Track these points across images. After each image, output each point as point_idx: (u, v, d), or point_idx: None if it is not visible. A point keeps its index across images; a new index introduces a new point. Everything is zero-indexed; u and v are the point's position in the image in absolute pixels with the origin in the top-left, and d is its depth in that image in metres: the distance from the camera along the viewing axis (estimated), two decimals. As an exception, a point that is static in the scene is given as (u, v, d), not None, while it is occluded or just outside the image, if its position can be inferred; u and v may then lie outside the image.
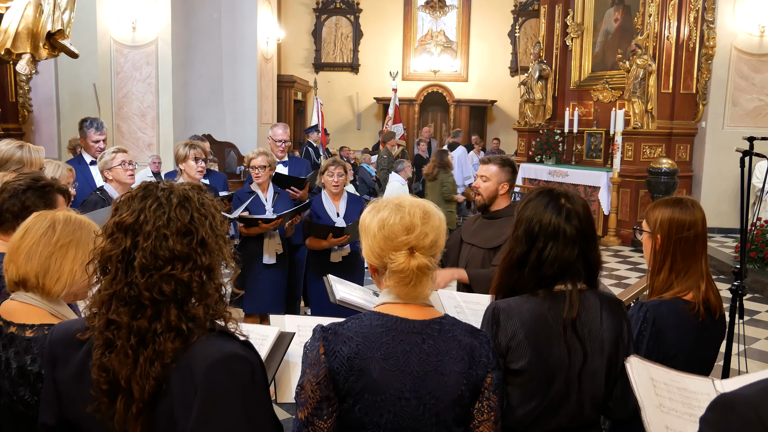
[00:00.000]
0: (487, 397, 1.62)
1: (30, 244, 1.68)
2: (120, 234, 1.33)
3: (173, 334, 1.31)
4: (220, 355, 1.31)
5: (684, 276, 2.12)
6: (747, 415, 0.98)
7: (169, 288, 1.31)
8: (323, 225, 4.44)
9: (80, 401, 1.36)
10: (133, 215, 1.33)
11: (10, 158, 2.98)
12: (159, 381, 1.29)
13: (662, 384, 1.68)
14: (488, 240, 3.35)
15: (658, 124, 10.01)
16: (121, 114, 10.19)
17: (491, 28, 16.64)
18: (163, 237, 1.31)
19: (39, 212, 1.78)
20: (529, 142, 12.33)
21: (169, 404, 1.30)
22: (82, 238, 1.72)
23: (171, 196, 1.36)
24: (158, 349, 1.29)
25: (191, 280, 1.33)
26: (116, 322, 1.31)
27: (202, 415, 1.27)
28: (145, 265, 1.31)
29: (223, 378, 1.30)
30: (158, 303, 1.31)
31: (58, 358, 1.42)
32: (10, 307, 1.73)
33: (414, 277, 1.59)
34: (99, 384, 1.32)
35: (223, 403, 1.29)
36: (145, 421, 1.31)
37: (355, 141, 15.63)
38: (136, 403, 1.30)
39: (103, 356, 1.32)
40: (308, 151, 10.44)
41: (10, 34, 3.61)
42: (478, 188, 3.44)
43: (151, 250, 1.31)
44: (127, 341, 1.30)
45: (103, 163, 3.93)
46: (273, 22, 13.13)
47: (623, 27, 11.02)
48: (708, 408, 1.03)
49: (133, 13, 9.89)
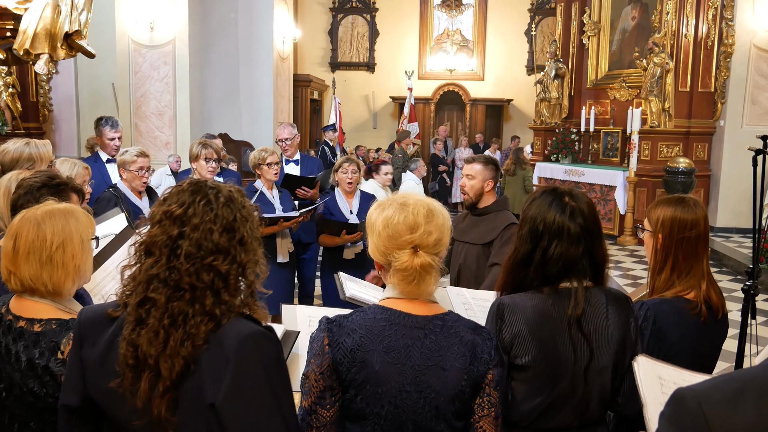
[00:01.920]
0: (488, 393, 1.64)
1: (26, 254, 1.69)
2: (168, 222, 1.43)
3: (207, 318, 1.40)
4: (250, 331, 1.41)
5: (685, 275, 2.12)
6: (692, 409, 0.98)
7: (208, 277, 1.41)
8: (336, 222, 4.47)
9: (105, 377, 1.43)
10: (182, 207, 1.43)
11: (20, 156, 3.02)
12: (188, 361, 1.37)
13: (671, 383, 1.68)
14: (481, 236, 3.47)
15: (675, 123, 9.92)
16: (139, 113, 10.30)
17: (508, 27, 16.56)
18: (209, 230, 1.42)
19: (21, 213, 1.77)
20: (545, 141, 12.28)
21: (197, 381, 1.37)
22: (73, 228, 1.74)
23: (219, 194, 1.47)
24: (190, 331, 1.38)
25: (229, 273, 1.43)
26: (152, 300, 1.40)
27: (232, 388, 1.35)
28: (191, 253, 1.41)
29: (254, 352, 1.39)
30: (196, 289, 1.41)
31: (86, 338, 1.49)
32: (18, 302, 1.77)
33: (417, 275, 1.62)
34: (126, 359, 1.39)
35: (253, 377, 1.37)
36: (170, 399, 1.37)
37: (371, 140, 15.65)
38: (163, 382, 1.36)
39: (132, 332, 1.40)
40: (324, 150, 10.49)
41: (28, 34, 3.68)
42: (464, 187, 3.57)
43: (197, 240, 1.41)
44: (160, 321, 1.39)
45: (122, 161, 3.97)
46: (289, 22, 13.18)
47: (640, 25, 10.94)
48: (666, 402, 1.04)
49: (151, 14, 9.99)
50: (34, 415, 1.72)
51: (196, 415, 1.38)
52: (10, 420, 1.77)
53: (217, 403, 1.35)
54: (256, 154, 4.61)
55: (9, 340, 1.72)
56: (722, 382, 1.01)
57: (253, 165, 4.61)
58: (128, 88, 10.29)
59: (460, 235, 3.58)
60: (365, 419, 1.60)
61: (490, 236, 3.44)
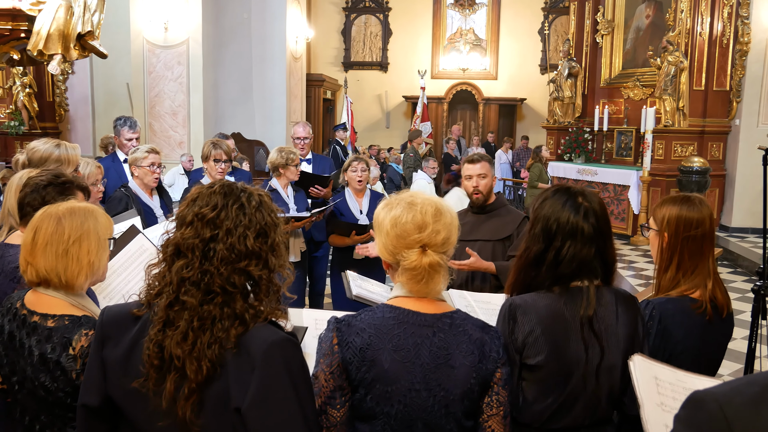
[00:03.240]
0: (497, 392, 1.64)
1: (44, 246, 1.74)
2: (200, 224, 1.43)
3: (237, 321, 1.40)
4: (276, 337, 1.42)
5: (691, 274, 2.11)
6: (713, 412, 0.97)
7: (240, 281, 1.42)
8: (346, 222, 4.47)
9: (127, 377, 1.44)
10: (215, 210, 1.44)
11: (49, 157, 3.05)
12: (215, 364, 1.38)
13: (666, 383, 1.68)
14: (495, 232, 3.45)
15: (689, 122, 9.82)
16: (154, 112, 10.38)
17: (521, 26, 16.51)
18: (243, 235, 1.43)
19: (43, 209, 1.82)
20: (558, 141, 12.22)
21: (223, 385, 1.38)
22: (91, 227, 1.78)
23: (251, 198, 1.48)
24: (218, 335, 1.38)
25: (261, 277, 1.45)
26: (183, 303, 1.40)
27: (259, 394, 1.36)
28: (225, 257, 1.41)
29: (280, 358, 1.39)
30: (228, 293, 1.41)
31: (109, 338, 1.50)
32: (33, 297, 1.80)
33: (426, 274, 1.63)
34: (150, 359, 1.40)
35: (279, 383, 1.38)
36: (196, 401, 1.38)
37: (384, 139, 15.66)
38: (189, 384, 1.37)
39: (159, 333, 1.40)
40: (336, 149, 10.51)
41: (42, 35, 3.73)
42: (478, 186, 3.53)
43: (232, 244, 1.41)
44: (190, 323, 1.39)
45: (133, 159, 4.00)
46: (302, 22, 13.22)
47: (654, 23, 10.85)
48: (681, 405, 1.03)
49: (165, 14, 10.07)
50: (44, 409, 1.75)
51: (221, 418, 1.39)
52: (21, 413, 1.81)
53: (243, 408, 1.36)
54: (283, 154, 4.58)
55: (23, 335, 1.76)
56: (741, 385, 1.00)
57: (277, 165, 4.58)
58: (143, 88, 10.38)
59: (466, 234, 3.53)
60: (375, 419, 1.61)
61: (506, 231, 3.43)
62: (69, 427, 1.74)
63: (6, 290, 2.13)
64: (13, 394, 1.80)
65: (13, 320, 1.80)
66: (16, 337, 1.77)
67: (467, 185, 3.56)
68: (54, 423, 1.75)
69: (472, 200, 3.58)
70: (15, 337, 1.77)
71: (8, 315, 1.82)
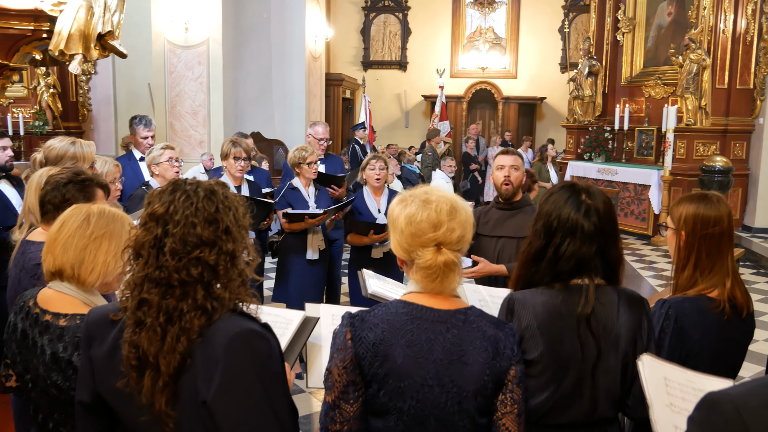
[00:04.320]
0: (511, 390, 1.63)
1: (66, 237, 1.78)
2: (152, 223, 1.45)
3: (200, 312, 1.42)
4: (239, 330, 1.42)
5: (709, 273, 2.08)
6: (729, 414, 0.96)
7: (196, 271, 1.43)
8: (364, 222, 4.48)
9: (112, 377, 1.47)
10: (164, 206, 1.45)
11: (65, 155, 3.11)
12: (184, 356, 1.40)
13: (676, 384, 1.66)
14: (519, 229, 3.41)
15: (712, 121, 9.71)
16: (174, 112, 10.47)
17: (541, 24, 16.40)
18: (191, 224, 1.43)
19: (75, 205, 1.87)
20: (578, 140, 12.14)
21: (192, 377, 1.40)
22: (115, 230, 1.81)
23: (198, 189, 1.48)
24: (185, 326, 1.40)
25: (217, 263, 1.45)
26: (147, 302, 1.42)
27: (222, 385, 1.38)
28: (175, 249, 1.42)
29: (243, 351, 1.40)
30: (186, 284, 1.42)
31: (94, 338, 1.53)
32: (46, 295, 1.83)
33: (441, 272, 1.62)
34: (129, 360, 1.43)
35: (241, 374, 1.39)
36: (169, 394, 1.40)
37: (403, 139, 15.65)
38: (162, 377, 1.40)
39: (133, 334, 1.43)
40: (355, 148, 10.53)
41: (63, 36, 3.79)
42: (509, 177, 3.49)
43: (180, 236, 1.43)
44: (157, 319, 1.41)
45: (151, 158, 4.06)
46: (321, 21, 13.26)
47: (677, 21, 10.74)
48: (695, 406, 1.02)
49: (185, 15, 10.14)
50: (57, 407, 1.77)
51: (194, 410, 1.41)
52: (34, 410, 1.83)
53: (208, 400, 1.38)
54: (297, 153, 4.66)
55: (35, 333, 1.78)
56: (758, 387, 0.99)
57: (293, 164, 4.67)
58: (163, 88, 10.47)
59: (490, 230, 3.54)
60: (388, 414, 1.61)
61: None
62: None
63: (26, 286, 2.17)
64: (27, 392, 1.84)
65: (26, 318, 1.83)
66: (29, 335, 1.80)
67: (498, 176, 3.53)
68: (67, 421, 1.77)
69: (501, 192, 3.56)
70: (28, 335, 1.80)
71: (21, 313, 1.85)
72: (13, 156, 4.13)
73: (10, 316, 1.90)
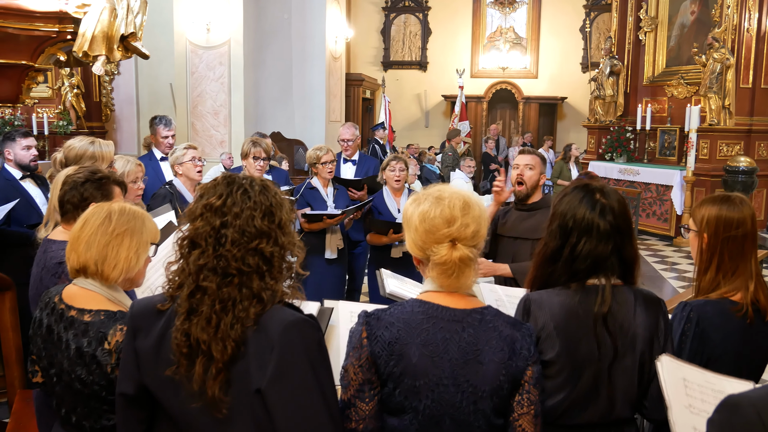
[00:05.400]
0: (527, 390, 1.63)
1: (89, 234, 1.82)
2: (210, 214, 1.51)
3: (255, 300, 1.47)
4: (293, 319, 1.48)
5: (732, 276, 2.05)
6: (749, 416, 0.96)
7: (253, 260, 1.49)
8: (384, 221, 4.49)
9: (159, 366, 1.51)
10: (221, 199, 1.51)
11: (84, 154, 3.16)
12: (238, 343, 1.44)
13: (695, 385, 1.64)
14: (535, 230, 3.37)
15: (736, 121, 9.58)
16: (196, 112, 10.56)
17: (562, 24, 16.28)
18: (251, 216, 1.50)
19: (97, 204, 1.92)
20: (599, 140, 12.04)
21: (245, 365, 1.45)
22: (136, 227, 1.85)
23: (253, 183, 1.55)
24: (239, 315, 1.45)
25: (273, 255, 1.51)
26: (204, 289, 1.48)
27: (277, 372, 1.42)
28: (236, 239, 1.48)
29: (297, 338, 1.45)
30: (243, 273, 1.48)
31: (140, 329, 1.57)
32: (71, 292, 1.87)
33: (456, 268, 1.62)
34: (179, 348, 1.47)
35: (296, 360, 1.44)
36: (223, 380, 1.45)
37: (423, 138, 15.64)
38: (216, 364, 1.44)
39: (185, 321, 1.48)
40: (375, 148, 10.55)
41: (87, 37, 3.85)
42: (523, 176, 3.46)
43: (240, 227, 1.49)
44: (212, 307, 1.46)
45: (174, 158, 4.10)
46: (342, 21, 13.29)
47: (700, 20, 10.61)
48: (715, 409, 1.02)
49: (207, 16, 10.22)
50: (80, 401, 1.80)
51: (246, 396, 1.45)
52: (57, 405, 1.87)
53: (262, 388, 1.42)
54: (312, 153, 4.72)
55: (60, 328, 1.82)
56: None
57: (310, 163, 4.74)
58: (185, 88, 10.56)
59: (508, 230, 3.53)
60: (404, 413, 1.61)
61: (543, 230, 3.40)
62: (104, 419, 1.79)
63: (48, 284, 2.20)
64: (51, 386, 1.87)
65: (51, 314, 1.86)
66: (54, 330, 1.83)
67: (512, 176, 3.53)
68: (89, 415, 1.80)
69: (514, 192, 3.54)
70: (53, 330, 1.83)
71: (47, 309, 1.88)
72: (37, 155, 4.20)
73: (36, 312, 1.94)
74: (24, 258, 2.96)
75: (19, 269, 3.25)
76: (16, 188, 4.02)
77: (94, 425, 1.80)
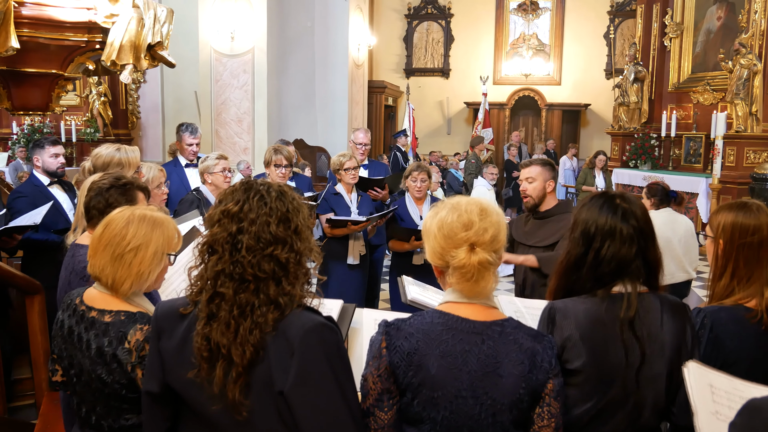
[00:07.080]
0: (548, 403, 1.62)
1: (104, 245, 1.85)
2: (227, 220, 1.53)
3: (272, 306, 1.49)
4: (312, 323, 1.50)
5: (746, 282, 2.04)
6: None
7: (269, 267, 1.51)
8: (406, 228, 4.51)
9: (182, 368, 1.55)
10: (238, 205, 1.53)
11: (111, 161, 3.23)
12: (257, 348, 1.47)
13: (722, 392, 1.63)
14: (546, 238, 3.46)
15: (763, 127, 9.43)
16: (220, 120, 10.67)
17: (586, 30, 16.18)
18: (266, 223, 1.52)
19: (120, 209, 1.94)
20: (623, 147, 11.94)
21: (266, 368, 1.48)
22: (154, 236, 1.87)
23: (270, 189, 1.57)
24: (257, 320, 1.48)
25: (288, 261, 1.52)
26: (221, 295, 1.51)
27: (299, 376, 1.45)
28: (251, 246, 1.50)
29: (317, 343, 1.48)
30: (259, 280, 1.50)
31: (163, 331, 1.61)
32: (92, 294, 1.92)
33: (476, 272, 1.62)
34: (200, 351, 1.51)
35: (316, 365, 1.47)
36: (243, 384, 1.48)
37: (445, 145, 15.64)
38: (236, 368, 1.47)
39: (205, 326, 1.51)
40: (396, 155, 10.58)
41: (115, 47, 3.93)
42: (526, 191, 3.53)
43: (255, 233, 1.50)
44: (230, 312, 1.49)
45: (204, 167, 4.17)
46: (364, 29, 13.36)
47: (726, 25, 10.49)
48: (737, 412, 1.01)
49: (231, 24, 10.35)
50: (100, 400, 1.84)
51: (267, 398, 1.48)
52: (78, 404, 1.91)
53: (285, 390, 1.45)
54: (336, 159, 4.78)
55: (81, 329, 1.86)
56: None
57: (334, 169, 4.79)
58: (209, 96, 10.69)
59: (525, 238, 3.57)
60: (422, 423, 1.61)
61: (555, 237, 3.42)
62: (122, 418, 1.83)
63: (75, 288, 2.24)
64: (72, 386, 1.91)
65: (72, 315, 1.91)
66: (75, 331, 1.88)
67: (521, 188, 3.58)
68: (109, 414, 1.84)
69: (524, 204, 3.62)
70: (74, 331, 1.88)
71: (68, 311, 1.93)
72: (64, 163, 4.29)
73: (58, 313, 1.99)
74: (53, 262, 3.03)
75: (48, 274, 3.33)
76: (44, 194, 4.11)
77: (113, 424, 1.83)
